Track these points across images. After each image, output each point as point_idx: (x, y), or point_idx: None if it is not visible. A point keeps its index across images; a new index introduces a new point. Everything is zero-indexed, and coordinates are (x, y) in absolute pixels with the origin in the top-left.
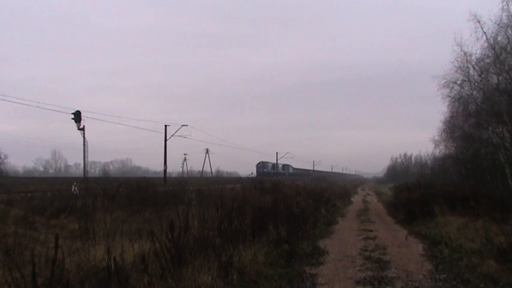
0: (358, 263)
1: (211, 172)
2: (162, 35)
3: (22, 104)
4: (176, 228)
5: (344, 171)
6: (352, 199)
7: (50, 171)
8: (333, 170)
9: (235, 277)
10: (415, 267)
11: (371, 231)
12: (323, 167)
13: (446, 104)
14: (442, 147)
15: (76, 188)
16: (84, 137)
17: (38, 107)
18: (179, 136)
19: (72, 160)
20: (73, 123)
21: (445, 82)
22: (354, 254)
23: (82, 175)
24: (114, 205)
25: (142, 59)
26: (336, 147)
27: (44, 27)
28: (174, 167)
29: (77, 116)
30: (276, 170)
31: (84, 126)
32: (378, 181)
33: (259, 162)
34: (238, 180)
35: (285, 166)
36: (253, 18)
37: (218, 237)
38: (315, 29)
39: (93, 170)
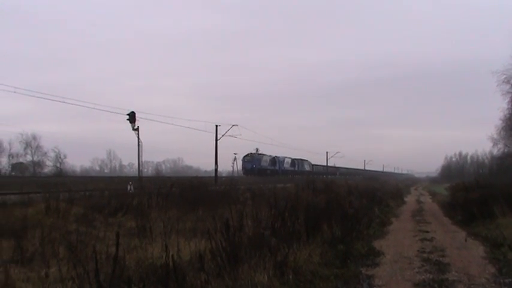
0: (416, 265)
1: None
2: (209, 35)
3: (80, 105)
4: (231, 227)
5: (395, 171)
6: (406, 199)
7: (106, 171)
8: (385, 170)
9: (290, 277)
10: (477, 270)
11: (427, 232)
12: (374, 166)
13: (507, 100)
14: (501, 145)
15: (131, 187)
16: (138, 137)
17: (94, 108)
18: (229, 136)
19: (126, 160)
20: (127, 124)
21: (505, 78)
22: (411, 255)
23: (135, 174)
24: (168, 204)
25: (191, 60)
26: (387, 146)
27: (95, 29)
28: (225, 167)
29: (132, 117)
30: (277, 166)
31: (138, 126)
32: (432, 181)
33: (247, 155)
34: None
35: (297, 162)
36: (301, 15)
37: (273, 237)
38: (365, 24)
39: (146, 170)
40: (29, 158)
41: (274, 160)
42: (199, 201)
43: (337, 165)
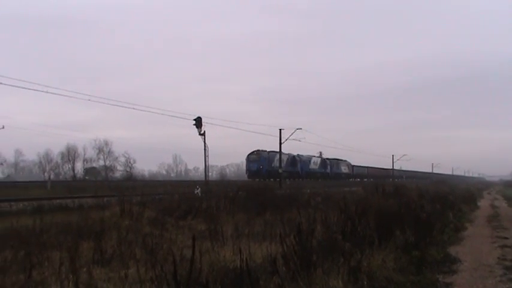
0: (498, 273)
1: None
2: (272, 39)
3: (149, 112)
4: (302, 231)
5: (465, 174)
6: (479, 203)
7: (172, 175)
8: (454, 173)
9: (365, 283)
10: None
11: (506, 238)
12: (442, 169)
13: None
14: None
15: (199, 191)
16: (204, 142)
17: (162, 114)
18: (293, 139)
19: (191, 164)
20: (192, 129)
21: None
22: (491, 262)
23: (200, 178)
24: (235, 207)
25: (254, 64)
26: (456, 148)
27: (162, 37)
28: None
29: (198, 122)
30: (298, 167)
31: (205, 131)
32: (506, 184)
33: (253, 153)
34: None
35: (330, 162)
36: (366, 16)
37: (346, 242)
38: (431, 24)
39: (210, 174)
40: (101, 162)
41: (294, 160)
42: (266, 205)
43: (403, 169)
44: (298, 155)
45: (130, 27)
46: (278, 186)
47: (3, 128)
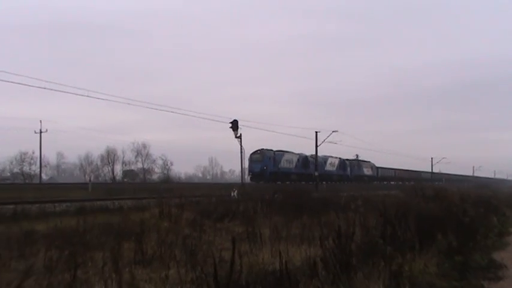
0: None
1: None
2: (305, 41)
3: (186, 115)
4: (342, 234)
5: (508, 178)
6: None
7: (208, 177)
8: (496, 176)
9: (407, 287)
10: None
11: None
12: (484, 172)
13: None
14: None
15: (235, 193)
16: (241, 145)
17: (199, 117)
18: (329, 142)
19: (227, 166)
20: (228, 132)
21: None
22: None
23: (236, 180)
24: (272, 210)
25: (288, 66)
26: (498, 151)
27: (194, 40)
28: None
29: (235, 125)
30: (311, 169)
31: (241, 134)
32: None
33: (256, 152)
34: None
35: (350, 163)
36: (401, 17)
37: (386, 245)
38: (471, 24)
39: (246, 176)
40: (139, 165)
41: (306, 160)
42: (303, 208)
43: (442, 171)
44: (312, 155)
45: (167, 32)
46: (314, 189)
47: (46, 131)
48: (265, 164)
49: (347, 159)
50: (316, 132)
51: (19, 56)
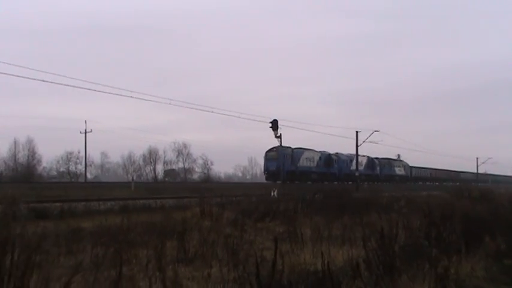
0: None
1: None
2: (346, 41)
3: (226, 115)
4: (385, 235)
5: None
6: None
7: (247, 177)
8: None
9: None
10: None
11: None
12: None
13: None
14: None
15: (275, 193)
16: (281, 145)
17: (239, 117)
18: (370, 142)
19: None
20: (268, 131)
21: None
22: None
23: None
24: (312, 210)
25: (328, 66)
26: None
27: (234, 40)
28: None
29: (274, 124)
30: (335, 168)
31: (281, 134)
32: None
33: (272, 150)
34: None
35: (380, 162)
36: (438, 16)
37: (431, 247)
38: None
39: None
40: (180, 165)
41: (329, 159)
42: (344, 208)
43: (488, 172)
44: (336, 153)
45: (207, 32)
46: (355, 189)
47: (91, 131)
48: (282, 163)
49: (376, 158)
50: (357, 131)
51: (65, 58)
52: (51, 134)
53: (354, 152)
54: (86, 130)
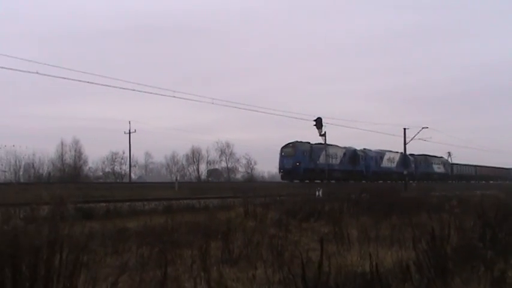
0: None
1: None
2: (389, 35)
3: (269, 113)
4: (436, 237)
5: None
6: None
7: None
8: None
9: None
10: None
11: None
12: None
13: None
14: None
15: (320, 193)
16: (325, 143)
17: (282, 115)
18: (419, 139)
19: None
20: (312, 130)
21: None
22: None
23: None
24: (359, 210)
25: (372, 62)
26: None
27: (275, 38)
28: None
29: (319, 122)
30: (361, 166)
31: (325, 132)
32: None
33: (288, 145)
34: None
35: (416, 159)
36: (486, 9)
37: (486, 249)
38: None
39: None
40: (223, 164)
41: (354, 155)
42: (392, 208)
43: None
44: (364, 149)
45: (247, 31)
46: (403, 188)
47: (135, 131)
48: (298, 160)
49: (411, 154)
50: (405, 128)
51: (109, 59)
52: (97, 134)
53: (387, 149)
54: (130, 130)
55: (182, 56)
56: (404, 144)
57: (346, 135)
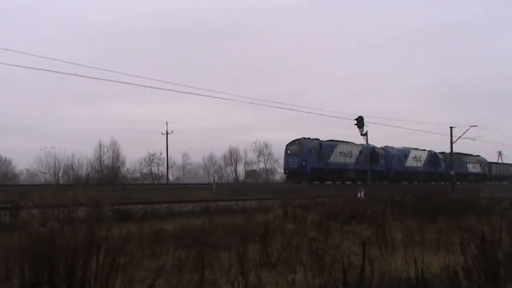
0: None
1: None
2: (433, 31)
3: (308, 112)
4: (487, 240)
5: None
6: None
7: None
8: None
9: None
10: None
11: None
12: None
13: None
14: None
15: (362, 194)
16: (367, 142)
17: (321, 114)
18: (467, 138)
19: None
20: (353, 129)
21: None
22: None
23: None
24: (403, 213)
25: (416, 58)
26: None
27: (314, 36)
28: None
29: (360, 122)
30: (381, 165)
31: (367, 131)
32: None
33: (294, 142)
34: None
35: (448, 158)
36: None
37: None
38: None
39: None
40: (261, 165)
41: (374, 154)
42: (439, 210)
43: None
44: (385, 146)
45: (286, 29)
46: (450, 189)
47: (172, 132)
48: (305, 159)
49: (441, 152)
50: (451, 127)
51: (144, 59)
52: (134, 135)
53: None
54: (167, 131)
55: (219, 55)
56: (451, 143)
57: (389, 134)
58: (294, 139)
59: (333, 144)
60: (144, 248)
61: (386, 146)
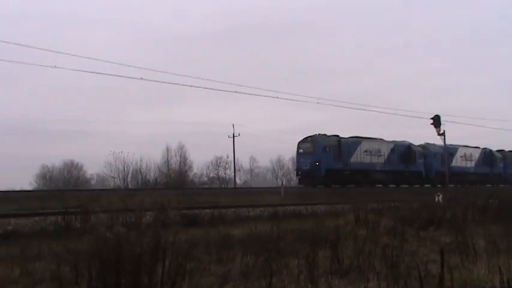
0: None
1: None
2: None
3: (379, 112)
4: None
5: None
6: None
7: None
8: None
9: None
10: None
11: None
12: None
13: None
14: None
15: (440, 198)
16: (445, 143)
17: (395, 114)
18: None
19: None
20: (429, 128)
21: None
22: None
23: None
24: (486, 218)
25: (495, 52)
26: None
27: (386, 32)
28: None
29: (436, 121)
30: (419, 165)
31: (444, 131)
32: None
33: (306, 140)
34: None
35: (506, 156)
36: None
37: None
38: None
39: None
40: None
41: (407, 152)
42: None
43: None
44: (425, 143)
45: (354, 27)
46: None
47: (238, 135)
48: (318, 158)
49: (498, 150)
50: None
51: (208, 61)
52: (201, 139)
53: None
54: (233, 134)
55: (286, 55)
56: None
57: (469, 134)
58: (305, 137)
59: (355, 141)
60: (211, 254)
61: (427, 143)
